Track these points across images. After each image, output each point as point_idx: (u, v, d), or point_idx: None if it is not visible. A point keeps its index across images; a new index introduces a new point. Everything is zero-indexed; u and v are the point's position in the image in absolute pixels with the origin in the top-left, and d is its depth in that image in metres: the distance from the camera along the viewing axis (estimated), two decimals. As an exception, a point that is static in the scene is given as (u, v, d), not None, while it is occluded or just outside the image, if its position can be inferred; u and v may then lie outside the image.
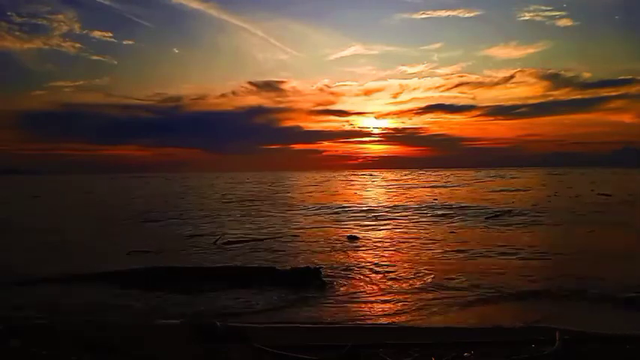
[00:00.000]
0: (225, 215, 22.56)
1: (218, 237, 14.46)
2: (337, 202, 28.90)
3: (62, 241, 14.28)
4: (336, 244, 13.80)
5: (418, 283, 8.76)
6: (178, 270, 9.36)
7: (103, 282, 8.84)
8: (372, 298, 7.83)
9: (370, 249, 12.83)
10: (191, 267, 9.73)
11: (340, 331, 6.29)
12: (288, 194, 39.68)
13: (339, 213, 22.90)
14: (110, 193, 47.52)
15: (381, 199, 33.13)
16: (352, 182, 65.18)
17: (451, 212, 21.93)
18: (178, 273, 9.17)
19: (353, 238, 14.80)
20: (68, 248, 13.21)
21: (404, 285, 8.65)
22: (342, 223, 19.03)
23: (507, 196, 32.18)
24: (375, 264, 10.58)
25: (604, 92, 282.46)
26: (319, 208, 25.44)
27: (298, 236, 15.31)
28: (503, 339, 5.33)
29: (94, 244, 14.01)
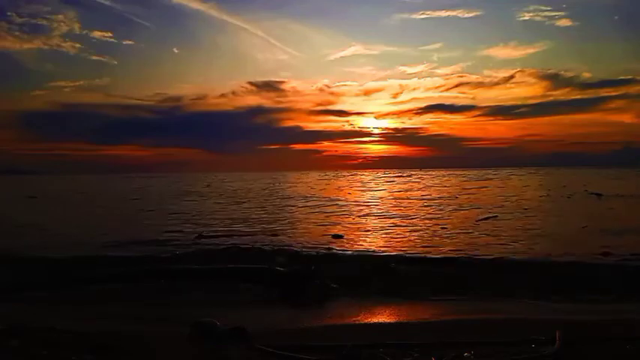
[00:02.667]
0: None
1: (200, 232, 14.47)
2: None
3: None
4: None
5: (418, 280, 8.76)
6: (176, 270, 9.35)
7: (99, 282, 8.83)
8: (372, 297, 7.83)
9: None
10: (190, 267, 9.72)
11: (340, 331, 6.28)
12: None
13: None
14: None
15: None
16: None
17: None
18: (176, 273, 9.15)
19: (338, 237, 14.93)
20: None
21: (404, 282, 8.64)
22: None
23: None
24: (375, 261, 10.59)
25: (604, 92, 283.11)
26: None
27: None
28: (503, 339, 5.33)
29: None
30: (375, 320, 6.76)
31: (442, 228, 16.42)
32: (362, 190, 34.91)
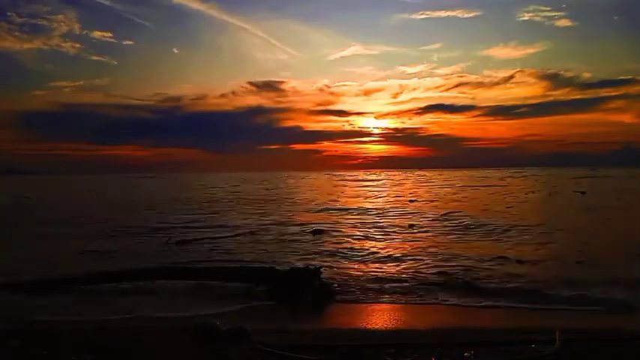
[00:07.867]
0: None
1: (169, 237, 13.95)
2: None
3: None
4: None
5: (418, 280, 8.76)
6: (176, 270, 9.33)
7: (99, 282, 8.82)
8: (372, 297, 7.83)
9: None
10: (190, 267, 9.71)
11: (340, 331, 6.29)
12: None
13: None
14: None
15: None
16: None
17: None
18: (176, 273, 9.14)
19: (318, 232, 14.97)
20: None
21: (403, 282, 8.64)
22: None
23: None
24: (367, 259, 10.61)
25: (604, 92, 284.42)
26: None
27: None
28: (503, 339, 5.34)
29: None
30: (375, 320, 6.76)
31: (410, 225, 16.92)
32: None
